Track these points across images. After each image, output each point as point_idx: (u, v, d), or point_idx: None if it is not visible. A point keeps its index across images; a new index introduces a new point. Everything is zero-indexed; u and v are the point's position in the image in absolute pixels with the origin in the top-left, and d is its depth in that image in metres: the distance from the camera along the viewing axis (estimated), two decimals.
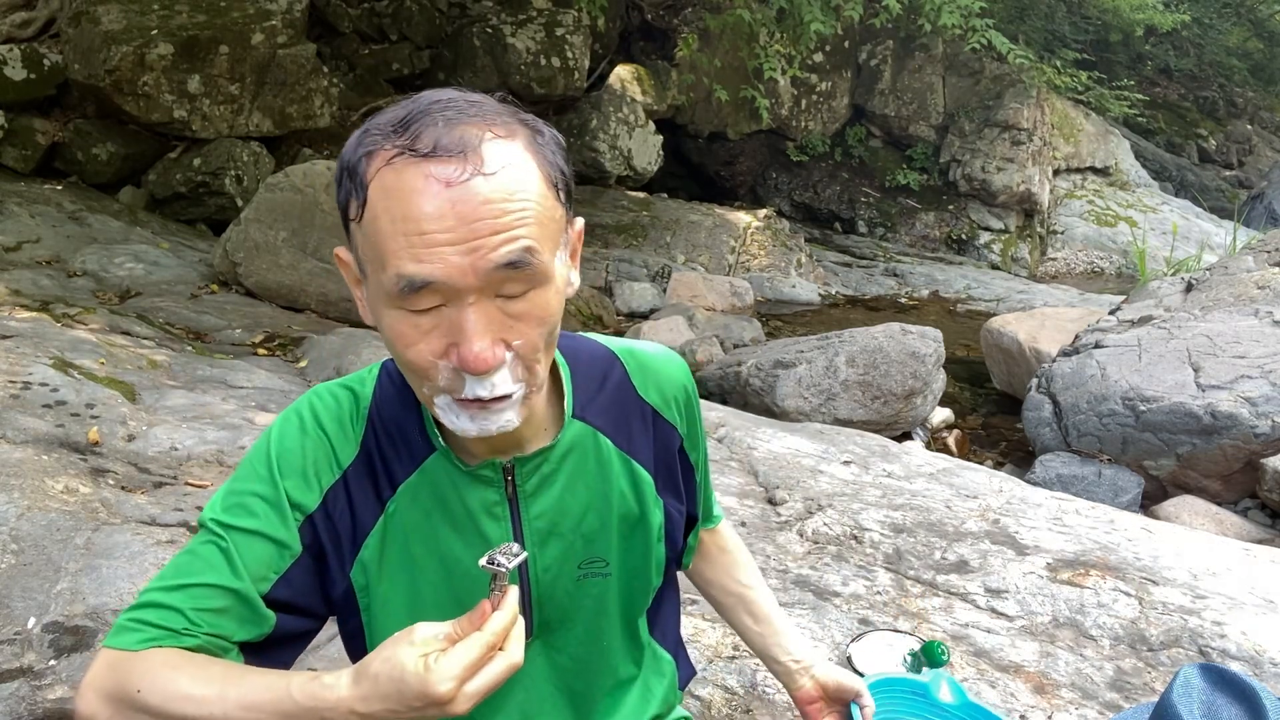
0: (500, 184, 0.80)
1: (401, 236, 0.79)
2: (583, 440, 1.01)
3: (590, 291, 6.12)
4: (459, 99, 0.84)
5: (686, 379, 1.12)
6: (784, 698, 1.71)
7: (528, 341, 0.85)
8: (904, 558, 2.29)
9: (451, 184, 0.78)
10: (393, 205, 0.79)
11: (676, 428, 1.09)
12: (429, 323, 0.82)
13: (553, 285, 0.86)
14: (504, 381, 0.84)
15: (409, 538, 0.98)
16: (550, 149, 0.87)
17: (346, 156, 0.84)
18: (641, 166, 9.19)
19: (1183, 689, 1.05)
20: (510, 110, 0.87)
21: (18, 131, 6.58)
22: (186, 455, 2.70)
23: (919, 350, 4.55)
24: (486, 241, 0.79)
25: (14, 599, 1.88)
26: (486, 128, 0.82)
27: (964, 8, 8.45)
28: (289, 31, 7.12)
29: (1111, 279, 9.71)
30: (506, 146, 0.82)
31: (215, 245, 5.70)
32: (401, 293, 0.81)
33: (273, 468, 0.95)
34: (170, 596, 0.91)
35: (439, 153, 0.79)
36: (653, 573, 1.08)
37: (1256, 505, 3.66)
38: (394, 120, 0.82)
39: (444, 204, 0.78)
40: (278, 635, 0.95)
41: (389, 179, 0.80)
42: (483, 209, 0.79)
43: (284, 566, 0.94)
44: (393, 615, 0.98)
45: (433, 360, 0.84)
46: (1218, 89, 14.99)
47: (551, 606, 1.02)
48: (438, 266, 0.79)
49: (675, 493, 1.09)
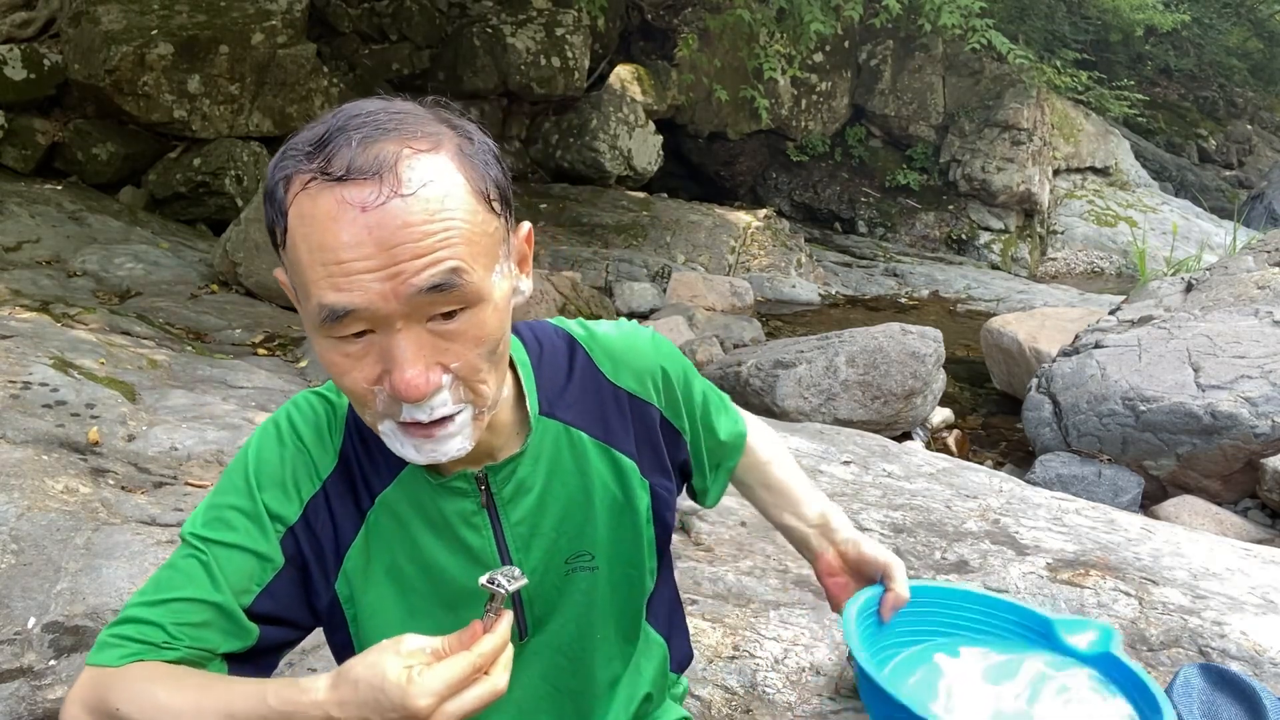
0: (420, 204, 0.76)
1: (320, 266, 0.76)
2: (556, 438, 0.99)
3: (590, 291, 6.12)
4: (380, 111, 0.80)
5: (660, 357, 1.08)
6: (783, 698, 1.71)
7: (465, 363, 0.82)
8: (904, 558, 2.29)
9: (367, 208, 0.75)
10: (310, 233, 0.76)
11: (653, 403, 1.06)
12: (359, 349, 0.80)
13: (489, 303, 0.82)
14: (443, 404, 0.82)
15: (392, 548, 0.97)
16: (481, 157, 0.83)
17: (268, 178, 0.81)
18: (641, 166, 9.19)
19: (1183, 689, 1.05)
20: (439, 117, 0.83)
21: (18, 131, 6.58)
22: (186, 455, 2.70)
23: (919, 350, 4.55)
24: (407, 266, 0.76)
25: (14, 599, 1.88)
26: (405, 142, 0.78)
27: (964, 8, 8.44)
28: (289, 31, 7.12)
29: (1111, 279, 9.71)
30: (428, 161, 0.78)
31: (215, 245, 5.70)
32: (325, 322, 0.78)
33: (250, 481, 0.94)
34: (151, 611, 0.91)
35: (353, 175, 0.75)
36: (645, 555, 1.06)
37: (1256, 505, 3.66)
38: (311, 139, 0.78)
39: (360, 230, 0.75)
40: (263, 646, 0.95)
41: (305, 206, 0.77)
42: (401, 233, 0.75)
43: (266, 579, 0.93)
44: (380, 626, 0.97)
45: (368, 387, 0.82)
46: (1218, 89, 14.99)
47: (542, 603, 1.02)
48: (358, 295, 0.76)
49: (663, 470, 1.07)
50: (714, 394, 1.17)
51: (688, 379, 1.11)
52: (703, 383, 1.15)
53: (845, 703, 1.70)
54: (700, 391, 1.13)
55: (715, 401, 1.16)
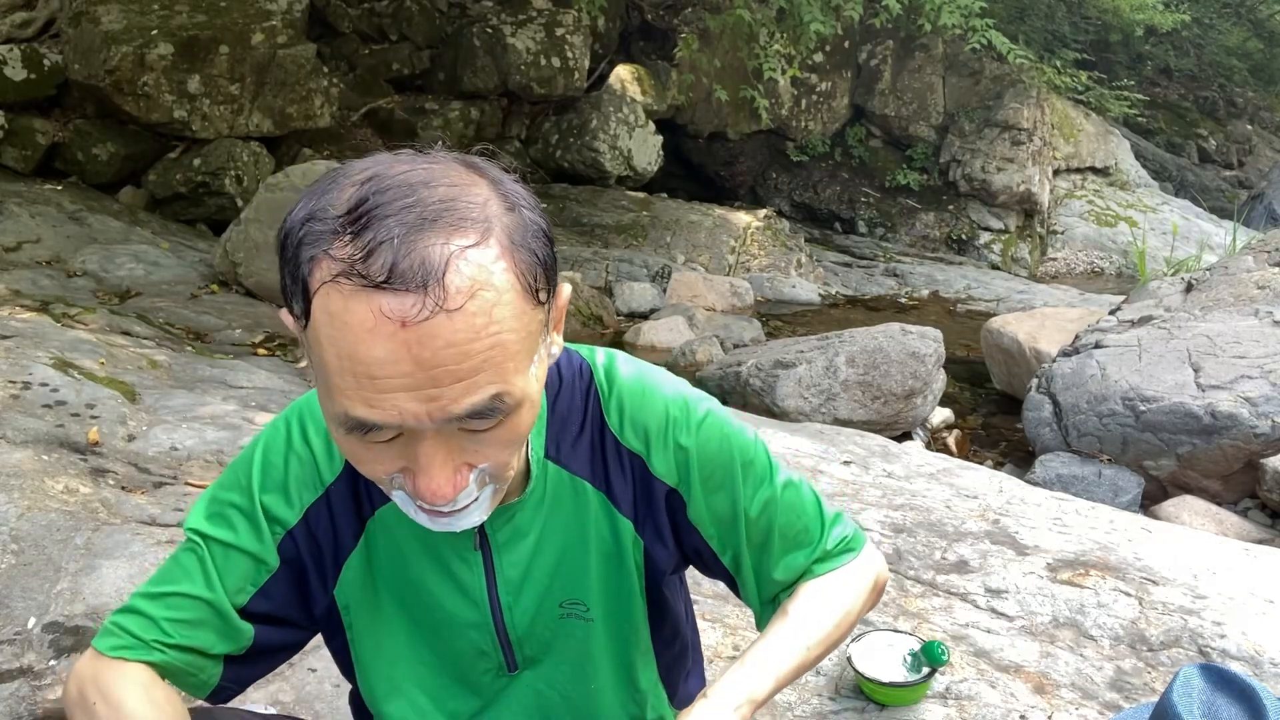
0: (466, 320, 0.67)
1: (350, 376, 0.68)
2: (558, 485, 0.94)
3: (590, 291, 6.12)
4: (421, 186, 0.69)
5: (673, 411, 0.94)
6: (783, 697, 1.71)
7: (495, 463, 0.77)
8: (904, 558, 2.29)
9: (408, 324, 0.65)
10: (338, 338, 0.67)
11: (661, 476, 0.94)
12: (383, 446, 0.74)
13: (526, 404, 0.74)
14: (468, 496, 0.77)
15: (389, 564, 0.95)
16: (529, 236, 0.73)
17: (287, 242, 0.71)
18: (641, 166, 9.19)
19: (1183, 689, 1.05)
20: (485, 180, 0.73)
21: (18, 131, 6.58)
22: (186, 455, 2.70)
23: (919, 350, 4.55)
24: (447, 391, 0.68)
25: (14, 599, 1.88)
26: (453, 234, 0.67)
27: (964, 7, 8.44)
28: (289, 31, 7.12)
29: (1111, 279, 9.70)
30: (476, 262, 0.68)
31: (215, 245, 5.70)
32: (351, 431, 0.72)
33: (253, 480, 0.93)
34: (150, 604, 0.91)
35: (394, 283, 0.65)
36: (638, 612, 1.01)
37: (1256, 505, 3.66)
38: (344, 211, 0.68)
39: (399, 348, 0.66)
40: (259, 647, 0.94)
41: (335, 303, 0.67)
42: (444, 353, 0.67)
43: (261, 580, 0.92)
44: (376, 638, 0.97)
45: (386, 476, 0.77)
46: (1218, 89, 14.98)
47: (533, 643, 0.99)
48: (391, 414, 0.69)
49: (661, 539, 0.97)
50: (787, 508, 0.97)
51: (722, 475, 0.94)
52: (767, 482, 0.96)
53: (845, 703, 1.70)
54: (742, 502, 0.95)
55: (789, 524, 0.97)
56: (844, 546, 1.01)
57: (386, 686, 1.00)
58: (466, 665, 0.99)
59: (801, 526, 0.99)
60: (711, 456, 0.94)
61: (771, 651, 0.93)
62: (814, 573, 0.99)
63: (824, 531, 1.00)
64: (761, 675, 0.91)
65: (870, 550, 1.04)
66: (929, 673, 1.65)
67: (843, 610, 0.97)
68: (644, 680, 1.06)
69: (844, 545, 1.01)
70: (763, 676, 0.91)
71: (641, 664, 1.05)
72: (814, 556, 0.99)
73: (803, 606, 0.97)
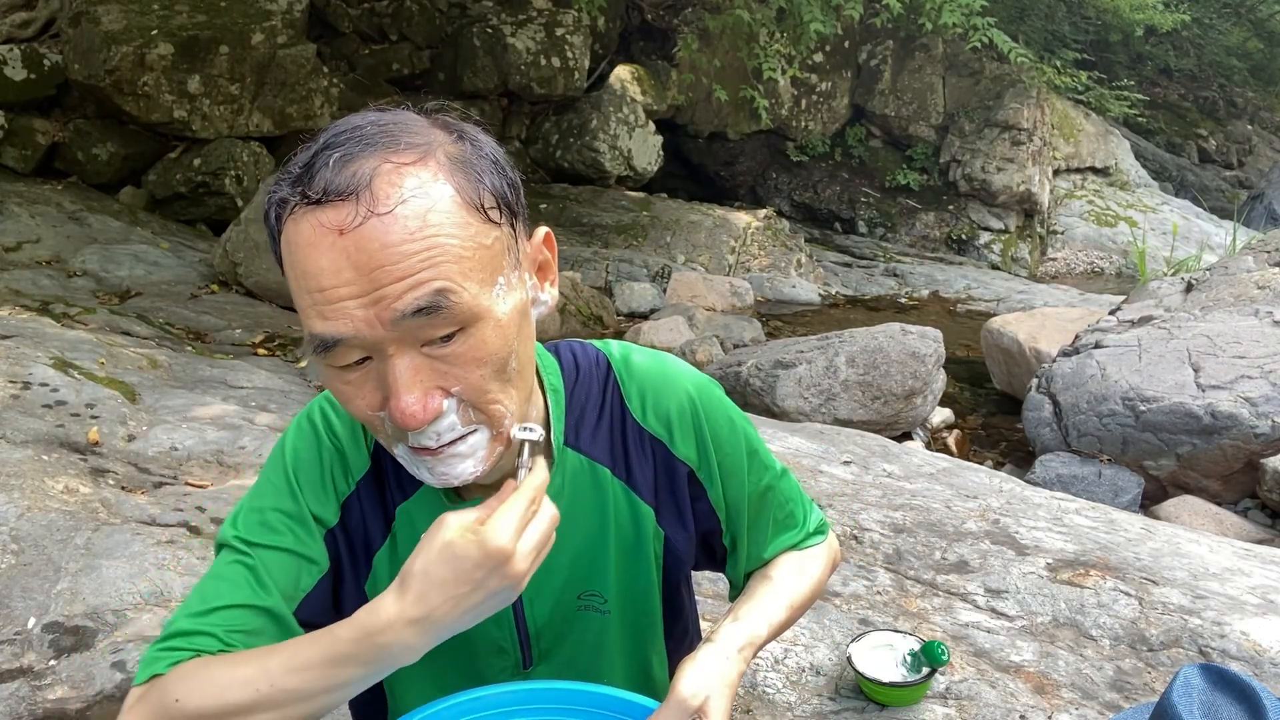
0: (399, 222, 0.71)
1: (305, 294, 0.73)
2: (578, 472, 0.95)
3: (590, 291, 6.12)
4: (368, 125, 0.75)
5: (694, 395, 0.98)
6: (783, 697, 1.71)
7: (469, 386, 0.77)
8: (904, 558, 2.29)
9: (344, 231, 0.70)
10: (295, 261, 0.74)
11: (683, 458, 0.98)
12: (359, 377, 0.77)
13: (488, 320, 0.76)
14: (451, 429, 0.78)
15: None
16: (477, 164, 0.77)
17: (266, 200, 0.78)
18: (641, 166, 9.19)
19: (1183, 689, 1.05)
20: (435, 124, 0.78)
21: (18, 131, 6.58)
22: (186, 455, 2.70)
23: (919, 350, 4.55)
24: (389, 290, 0.71)
25: (14, 599, 1.88)
26: (386, 156, 0.73)
27: (965, 6, 8.44)
28: (289, 31, 7.12)
29: (1111, 279, 9.70)
30: (410, 175, 0.73)
31: (215, 245, 5.70)
32: (318, 352, 0.75)
33: (292, 481, 0.92)
34: (200, 622, 0.86)
35: (329, 197, 0.71)
36: (656, 603, 1.02)
37: (1256, 505, 3.66)
38: (301, 160, 0.75)
39: (338, 255, 0.71)
40: None
41: (290, 232, 0.74)
42: (380, 254, 0.71)
43: (314, 581, 0.91)
44: None
45: (372, 414, 0.79)
46: (1218, 89, 14.99)
47: (549, 636, 0.99)
48: (343, 323, 0.73)
49: (681, 523, 1.00)
50: (781, 497, 1.05)
51: (723, 438, 0.99)
52: (744, 461, 1.02)
53: (845, 703, 1.70)
54: (744, 464, 1.01)
55: (780, 509, 1.06)
56: (818, 529, 1.12)
57: (404, 685, 1.00)
58: (483, 664, 0.99)
59: (790, 511, 1.08)
60: (725, 441, 1.00)
61: (763, 605, 1.01)
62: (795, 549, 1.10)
63: (806, 517, 1.11)
64: (757, 623, 0.98)
65: (831, 533, 1.17)
66: (929, 673, 1.65)
67: (816, 579, 1.09)
68: (657, 678, 1.06)
69: (819, 528, 1.12)
70: (759, 623, 0.98)
71: (656, 661, 1.06)
72: (798, 538, 1.09)
73: (784, 572, 1.06)
